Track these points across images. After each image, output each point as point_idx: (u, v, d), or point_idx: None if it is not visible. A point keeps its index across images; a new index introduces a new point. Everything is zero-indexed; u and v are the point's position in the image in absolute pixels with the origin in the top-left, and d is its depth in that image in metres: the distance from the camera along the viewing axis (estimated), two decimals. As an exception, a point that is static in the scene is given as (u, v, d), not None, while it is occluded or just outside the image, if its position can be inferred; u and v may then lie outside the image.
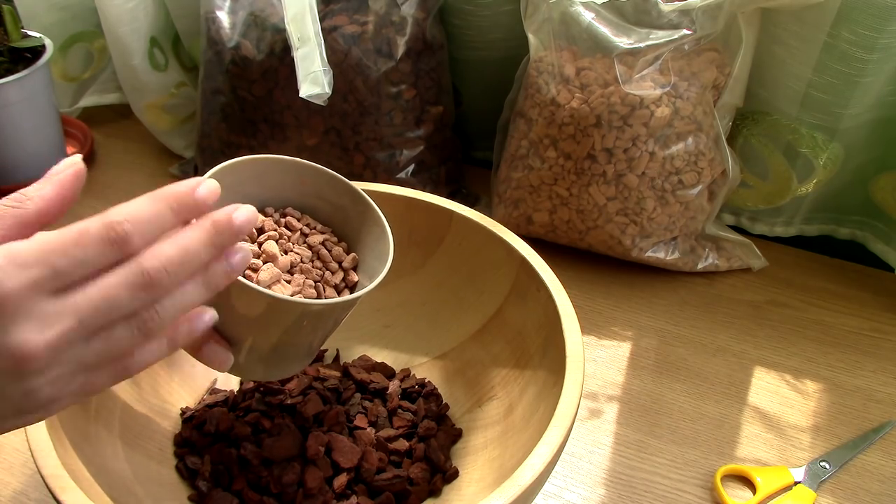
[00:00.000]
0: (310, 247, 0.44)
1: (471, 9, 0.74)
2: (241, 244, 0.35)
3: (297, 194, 0.45)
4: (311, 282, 0.42)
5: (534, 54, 0.67)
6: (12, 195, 0.31)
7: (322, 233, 0.45)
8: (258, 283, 0.39)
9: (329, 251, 0.44)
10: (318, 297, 0.42)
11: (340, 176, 0.45)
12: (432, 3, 0.72)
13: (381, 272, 0.42)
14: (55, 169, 0.32)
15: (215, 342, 0.39)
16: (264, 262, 0.41)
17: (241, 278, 0.37)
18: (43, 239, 0.28)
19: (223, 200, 0.42)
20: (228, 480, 0.48)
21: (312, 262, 0.43)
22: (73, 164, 0.32)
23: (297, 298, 0.39)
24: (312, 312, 0.40)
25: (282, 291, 0.40)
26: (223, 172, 0.41)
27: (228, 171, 0.41)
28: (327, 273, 0.43)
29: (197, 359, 0.39)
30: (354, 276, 0.44)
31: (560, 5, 0.63)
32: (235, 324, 0.39)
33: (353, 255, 0.45)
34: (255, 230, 0.42)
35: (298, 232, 0.44)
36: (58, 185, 0.31)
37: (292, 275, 0.42)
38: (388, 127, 0.72)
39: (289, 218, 0.44)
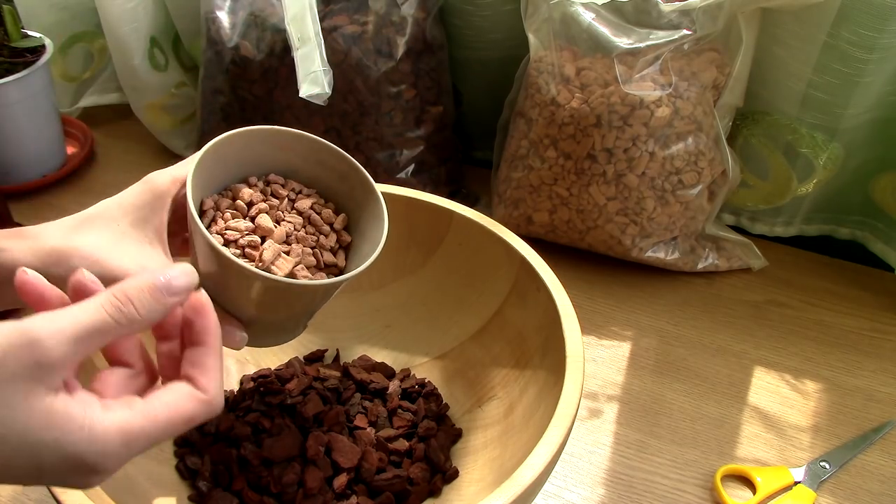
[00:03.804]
0: (300, 213, 0.44)
1: (471, 9, 0.74)
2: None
3: (271, 160, 0.45)
4: (308, 249, 0.42)
5: (534, 54, 0.67)
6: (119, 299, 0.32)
7: (308, 196, 0.45)
8: (262, 262, 0.39)
9: (319, 214, 0.44)
10: (317, 262, 0.42)
11: (306, 133, 0.44)
12: (432, 3, 0.72)
13: (382, 233, 0.42)
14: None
15: (228, 324, 0.40)
16: (261, 238, 0.41)
17: (260, 271, 0.38)
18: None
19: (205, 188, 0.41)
20: (228, 480, 0.48)
21: (305, 228, 0.43)
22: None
23: (316, 281, 0.40)
24: (322, 288, 0.41)
25: (283, 267, 0.40)
26: (202, 166, 0.40)
27: (208, 162, 0.40)
28: (321, 237, 0.43)
29: None
30: (347, 237, 0.45)
31: (560, 5, 0.63)
32: (246, 306, 0.40)
33: (342, 215, 0.45)
34: (244, 205, 0.42)
35: (286, 199, 0.44)
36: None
37: (289, 245, 0.42)
38: (388, 127, 0.72)
39: (273, 185, 0.44)
